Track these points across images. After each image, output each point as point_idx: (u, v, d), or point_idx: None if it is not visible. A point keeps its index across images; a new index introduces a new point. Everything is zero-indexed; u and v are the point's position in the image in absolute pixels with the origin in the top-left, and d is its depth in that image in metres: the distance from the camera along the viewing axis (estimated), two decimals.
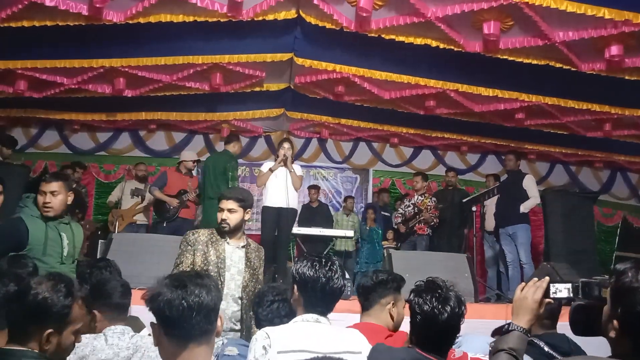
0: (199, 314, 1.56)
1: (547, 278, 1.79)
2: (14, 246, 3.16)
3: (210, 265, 3.18)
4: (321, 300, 2.13)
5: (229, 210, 3.25)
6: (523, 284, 1.82)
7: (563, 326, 2.16)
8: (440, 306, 2.01)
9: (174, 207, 6.76)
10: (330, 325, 2.12)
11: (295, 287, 2.15)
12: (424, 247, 7.22)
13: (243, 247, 3.35)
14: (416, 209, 7.30)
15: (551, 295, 1.84)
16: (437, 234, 7.48)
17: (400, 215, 7.51)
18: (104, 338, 2.34)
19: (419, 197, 7.38)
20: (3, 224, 3.37)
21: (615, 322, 1.43)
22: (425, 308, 2.02)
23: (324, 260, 2.17)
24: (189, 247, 3.25)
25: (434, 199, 7.43)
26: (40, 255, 3.19)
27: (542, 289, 1.77)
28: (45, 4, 4.82)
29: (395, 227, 7.53)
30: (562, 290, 1.83)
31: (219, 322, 1.65)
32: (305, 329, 2.06)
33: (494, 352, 1.73)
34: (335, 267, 2.16)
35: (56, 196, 3.32)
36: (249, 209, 3.33)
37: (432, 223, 7.19)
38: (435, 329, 2.03)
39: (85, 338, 2.26)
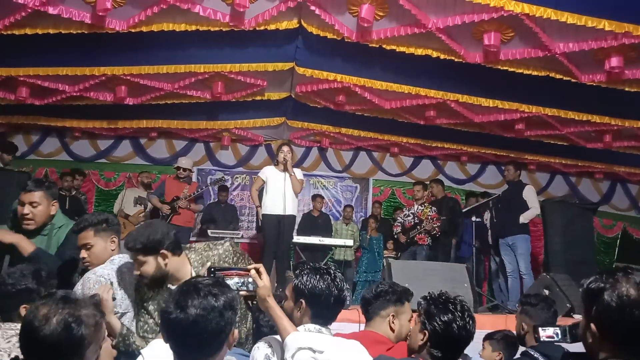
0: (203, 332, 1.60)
1: None
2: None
3: None
4: (331, 310, 2.14)
5: (137, 262, 2.52)
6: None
7: None
8: (457, 319, 2.08)
9: (165, 214, 6.81)
10: (332, 336, 2.11)
11: (303, 300, 2.12)
12: (424, 257, 7.20)
13: None
14: (416, 218, 7.28)
15: (541, 338, 1.92)
16: (434, 244, 7.46)
17: (399, 224, 7.49)
18: None
19: (419, 207, 7.35)
20: None
21: (592, 326, 1.53)
22: (441, 320, 2.08)
23: (330, 270, 2.17)
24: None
25: (434, 208, 7.42)
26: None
27: None
28: (48, 12, 4.85)
29: (395, 236, 7.50)
30: (550, 332, 1.91)
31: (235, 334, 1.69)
32: (313, 337, 2.05)
33: None
34: (340, 276, 2.18)
35: (36, 207, 3.00)
36: (163, 251, 2.50)
37: (434, 232, 7.19)
38: (450, 341, 2.10)
39: None
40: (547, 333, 1.91)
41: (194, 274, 2.54)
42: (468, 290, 5.28)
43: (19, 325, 2.19)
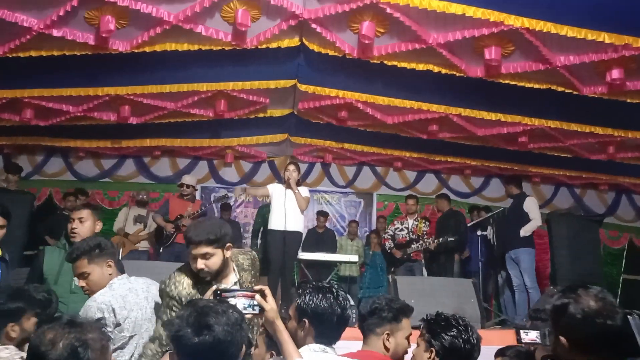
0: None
1: None
2: (37, 276, 3.32)
3: None
4: (335, 330, 2.13)
5: (204, 256, 2.51)
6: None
7: None
8: (461, 333, 2.14)
9: (169, 233, 6.80)
10: (336, 355, 2.10)
11: (306, 319, 2.11)
12: (421, 272, 7.16)
13: (235, 284, 2.69)
14: (411, 234, 7.20)
15: (521, 340, 2.16)
16: (430, 259, 7.41)
17: (389, 237, 7.36)
18: None
19: (413, 222, 7.28)
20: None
21: (561, 338, 1.74)
22: (447, 336, 2.13)
23: (333, 289, 2.16)
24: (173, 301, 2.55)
25: (427, 222, 7.37)
26: (53, 284, 3.22)
27: None
28: (52, 35, 4.91)
29: (389, 251, 7.38)
30: (531, 335, 2.14)
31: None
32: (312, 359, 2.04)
33: None
34: (344, 294, 2.17)
35: (83, 223, 3.41)
36: (228, 244, 2.60)
37: (432, 248, 7.17)
38: (458, 354, 2.18)
39: None
40: (529, 336, 2.18)
41: (236, 273, 2.65)
42: (475, 306, 5.25)
43: (9, 347, 2.20)
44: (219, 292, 2.09)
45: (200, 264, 2.48)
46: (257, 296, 2.09)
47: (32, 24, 4.76)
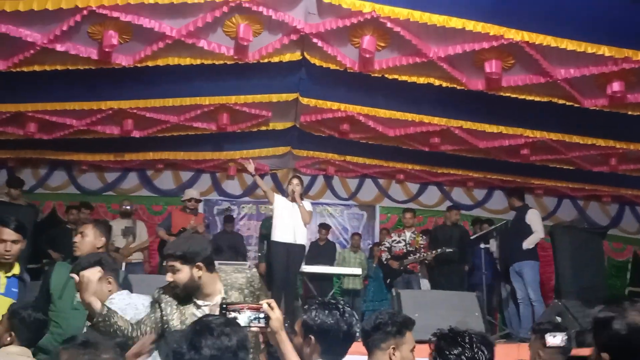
0: None
1: None
2: (44, 291, 3.27)
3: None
4: (341, 346, 2.13)
5: (171, 269, 2.58)
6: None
7: None
8: (465, 351, 2.10)
9: None
10: None
11: (312, 336, 2.11)
12: (419, 284, 7.13)
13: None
14: (409, 246, 7.17)
15: (547, 345, 2.01)
16: (436, 272, 7.37)
17: (386, 249, 7.32)
18: None
19: (411, 235, 7.26)
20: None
21: (604, 355, 1.64)
22: (451, 354, 2.09)
23: (339, 305, 2.16)
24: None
25: (424, 237, 7.37)
26: (57, 298, 3.20)
27: None
28: (56, 49, 4.95)
29: (385, 262, 7.29)
30: (557, 339, 2.02)
31: None
32: None
33: None
34: (350, 310, 2.17)
35: (84, 237, 3.39)
36: (199, 264, 2.57)
37: (428, 262, 7.14)
38: None
39: None
40: (554, 340, 2.05)
41: (222, 294, 2.62)
42: (479, 319, 5.22)
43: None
44: (225, 305, 2.11)
45: (169, 276, 2.58)
46: (264, 305, 2.11)
47: (35, 38, 4.80)
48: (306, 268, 6.93)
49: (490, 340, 2.21)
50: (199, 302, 2.60)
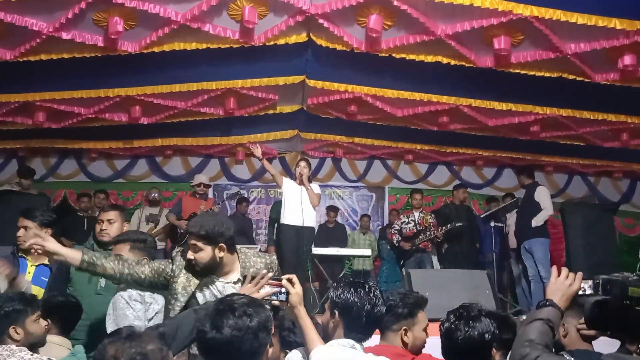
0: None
1: (581, 273, 1.94)
2: (63, 274, 3.35)
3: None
4: (364, 326, 2.14)
5: (193, 247, 2.57)
6: (559, 269, 1.97)
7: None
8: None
9: (183, 231, 6.84)
10: (363, 353, 2.10)
11: (337, 311, 2.14)
12: (431, 263, 7.14)
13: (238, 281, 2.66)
14: (418, 226, 7.18)
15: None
16: (446, 251, 7.38)
17: (396, 232, 7.34)
18: None
19: (420, 214, 7.27)
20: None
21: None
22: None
23: (367, 286, 2.18)
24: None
25: (433, 215, 7.37)
26: (86, 283, 3.27)
27: (579, 281, 1.93)
28: (62, 38, 4.95)
29: (397, 244, 7.33)
30: (583, 286, 1.99)
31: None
32: (339, 354, 2.06)
33: (528, 321, 1.84)
34: (378, 293, 2.18)
35: (112, 224, 3.48)
36: (221, 245, 2.57)
37: (439, 240, 7.15)
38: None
39: None
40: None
41: (239, 274, 2.63)
42: (490, 297, 5.22)
43: (12, 346, 2.27)
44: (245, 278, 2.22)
45: (190, 254, 2.57)
46: (284, 280, 2.18)
47: (41, 27, 4.80)
48: (317, 250, 6.95)
49: (512, 320, 2.24)
50: (213, 278, 2.63)
